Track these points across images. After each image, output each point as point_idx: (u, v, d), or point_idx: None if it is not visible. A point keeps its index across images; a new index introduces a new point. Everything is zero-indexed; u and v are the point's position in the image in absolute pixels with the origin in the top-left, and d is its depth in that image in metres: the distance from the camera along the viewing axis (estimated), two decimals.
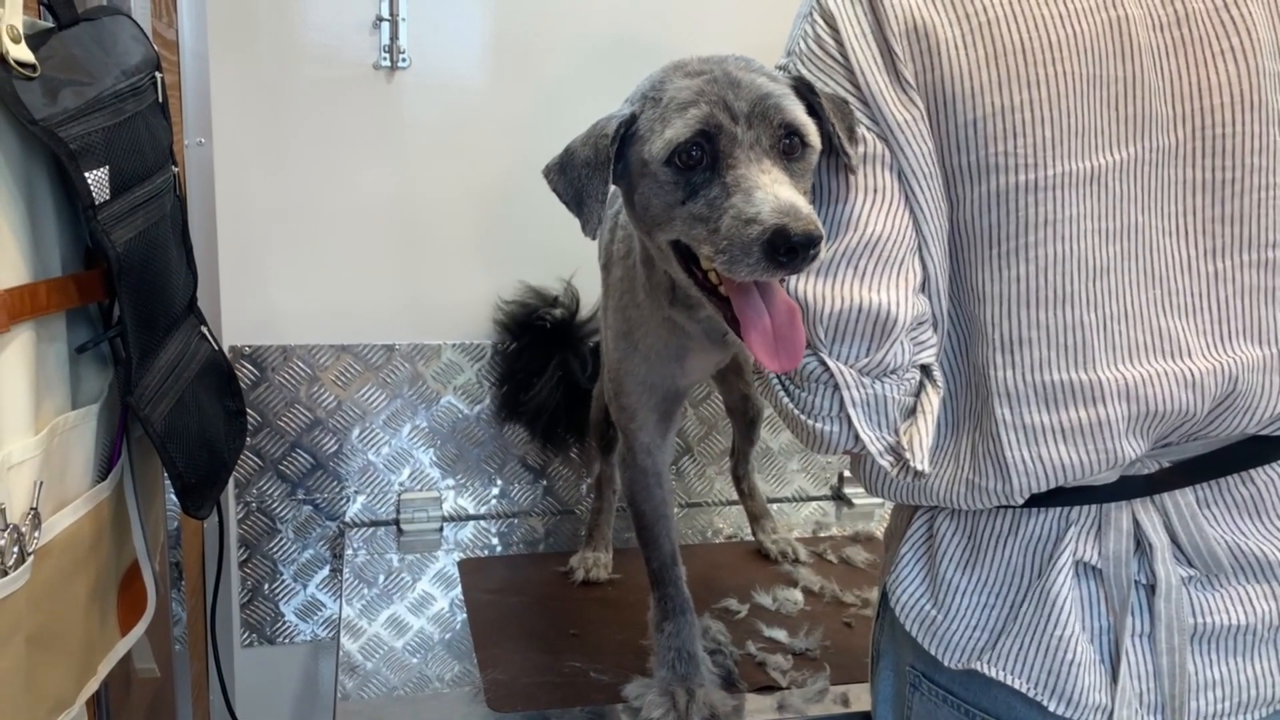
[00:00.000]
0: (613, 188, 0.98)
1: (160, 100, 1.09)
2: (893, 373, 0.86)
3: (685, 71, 0.94)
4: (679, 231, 0.93)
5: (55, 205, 0.96)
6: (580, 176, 0.96)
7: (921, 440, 0.86)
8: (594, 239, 0.96)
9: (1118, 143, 0.84)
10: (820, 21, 0.89)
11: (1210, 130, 0.86)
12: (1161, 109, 0.85)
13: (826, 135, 0.89)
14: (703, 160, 0.89)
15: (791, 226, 0.81)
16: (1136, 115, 0.85)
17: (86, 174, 0.91)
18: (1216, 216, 0.86)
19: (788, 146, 0.89)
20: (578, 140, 0.98)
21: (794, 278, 0.88)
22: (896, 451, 0.88)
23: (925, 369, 0.89)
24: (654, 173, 0.92)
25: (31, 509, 0.90)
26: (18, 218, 0.90)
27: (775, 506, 1.83)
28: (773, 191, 0.84)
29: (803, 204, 0.83)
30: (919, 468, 0.86)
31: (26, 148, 0.91)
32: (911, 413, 0.88)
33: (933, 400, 0.88)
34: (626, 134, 0.95)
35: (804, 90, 0.91)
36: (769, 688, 1.25)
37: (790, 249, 0.81)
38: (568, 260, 1.80)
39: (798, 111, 0.90)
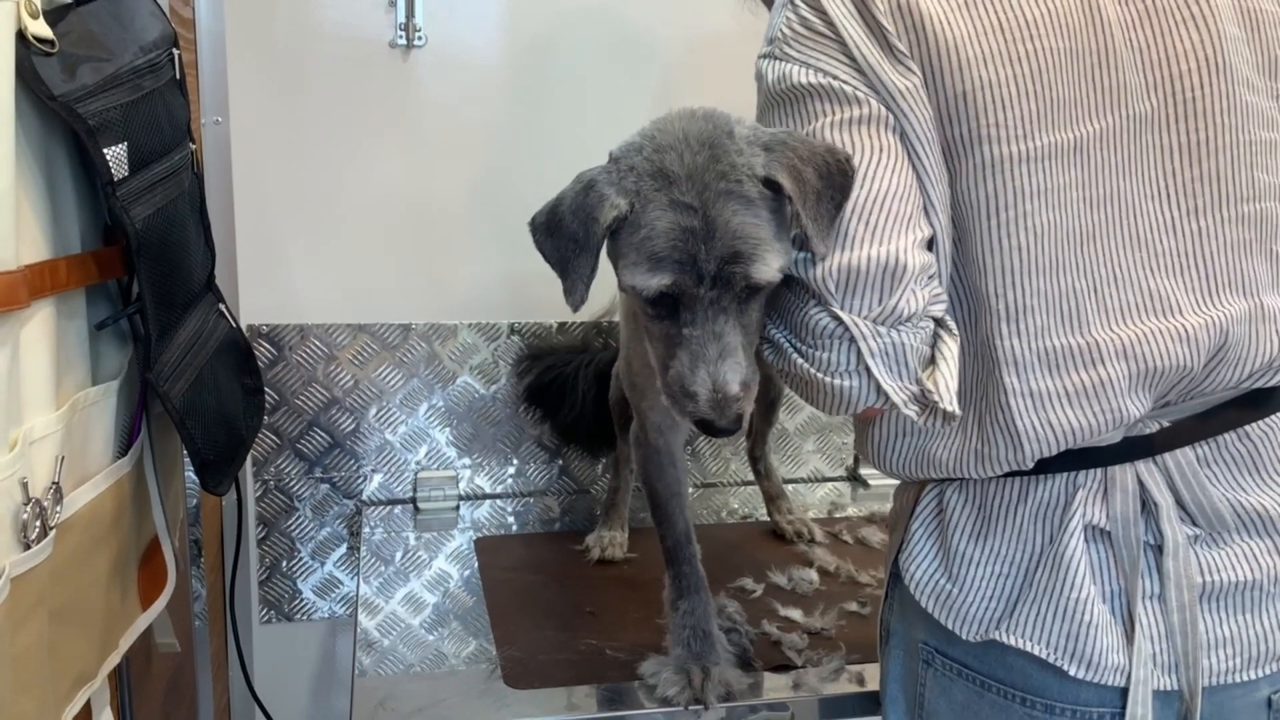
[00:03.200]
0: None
1: (178, 77, 1.09)
2: (907, 320, 0.87)
3: (671, 196, 0.90)
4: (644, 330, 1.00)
5: (74, 182, 0.97)
6: (568, 250, 0.96)
7: (946, 382, 0.87)
8: (575, 311, 0.97)
9: (1097, 113, 0.88)
10: (803, 5, 0.91)
11: (1181, 95, 0.89)
12: (1134, 78, 0.88)
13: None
14: (669, 303, 0.93)
15: (717, 423, 0.91)
16: (1111, 86, 0.88)
17: (105, 150, 0.91)
18: (1195, 177, 0.89)
19: (751, 290, 0.92)
20: (566, 202, 0.96)
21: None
22: (921, 400, 0.88)
23: (939, 321, 0.89)
24: (625, 288, 0.95)
25: (53, 483, 0.90)
26: (37, 194, 0.90)
27: (790, 487, 1.83)
28: (714, 370, 0.90)
29: (734, 388, 0.90)
30: (948, 409, 0.86)
31: (45, 124, 0.92)
32: (931, 361, 0.89)
33: (951, 346, 0.89)
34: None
35: (772, 183, 0.90)
36: (784, 666, 1.25)
37: (710, 433, 0.94)
38: None
39: (762, 269, 0.90)
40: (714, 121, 0.93)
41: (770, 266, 0.90)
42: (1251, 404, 0.91)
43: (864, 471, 2.00)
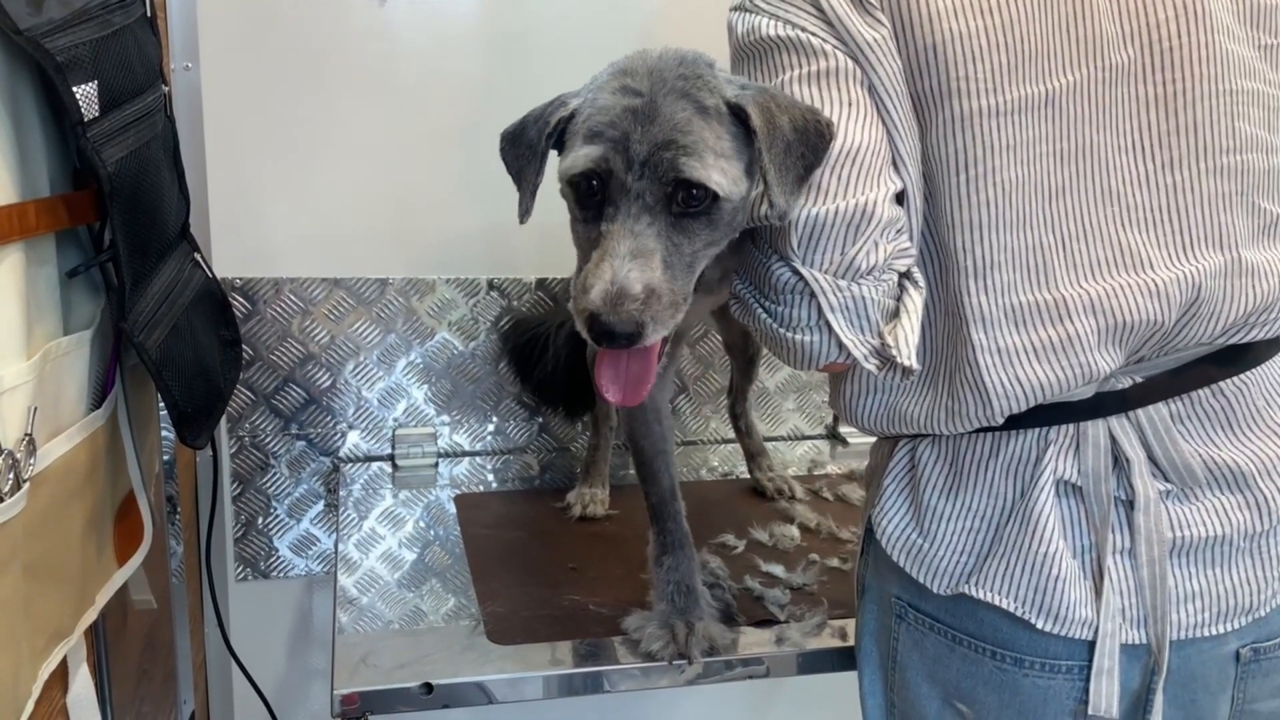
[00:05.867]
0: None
1: (149, 14, 1.06)
2: (868, 273, 0.86)
3: (621, 83, 0.89)
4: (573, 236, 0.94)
5: (42, 122, 0.93)
6: (522, 156, 0.95)
7: (907, 337, 0.87)
8: (522, 223, 0.94)
9: (1070, 65, 0.86)
10: None
11: (1159, 45, 0.88)
12: (1110, 28, 0.87)
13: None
14: (597, 193, 0.88)
15: (604, 319, 0.82)
16: (1087, 36, 0.86)
17: (75, 88, 0.87)
18: (1171, 129, 0.88)
19: (687, 198, 0.87)
20: (533, 113, 0.96)
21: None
22: (881, 354, 0.88)
23: (906, 274, 0.89)
24: (561, 179, 0.92)
25: (26, 435, 0.88)
26: (3, 134, 0.87)
27: (770, 445, 1.83)
28: (616, 267, 0.84)
29: (636, 288, 0.83)
30: (906, 364, 0.86)
31: (11, 60, 0.88)
32: (895, 315, 0.89)
33: (915, 300, 0.88)
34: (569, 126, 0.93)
35: (740, 113, 0.88)
36: (767, 621, 1.26)
37: (599, 333, 0.83)
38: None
39: (697, 168, 0.86)
40: (698, 54, 0.92)
41: (708, 168, 0.86)
42: (1226, 360, 0.91)
43: (843, 429, 2.00)
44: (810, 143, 0.85)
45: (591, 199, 0.88)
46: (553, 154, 0.98)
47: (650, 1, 1.78)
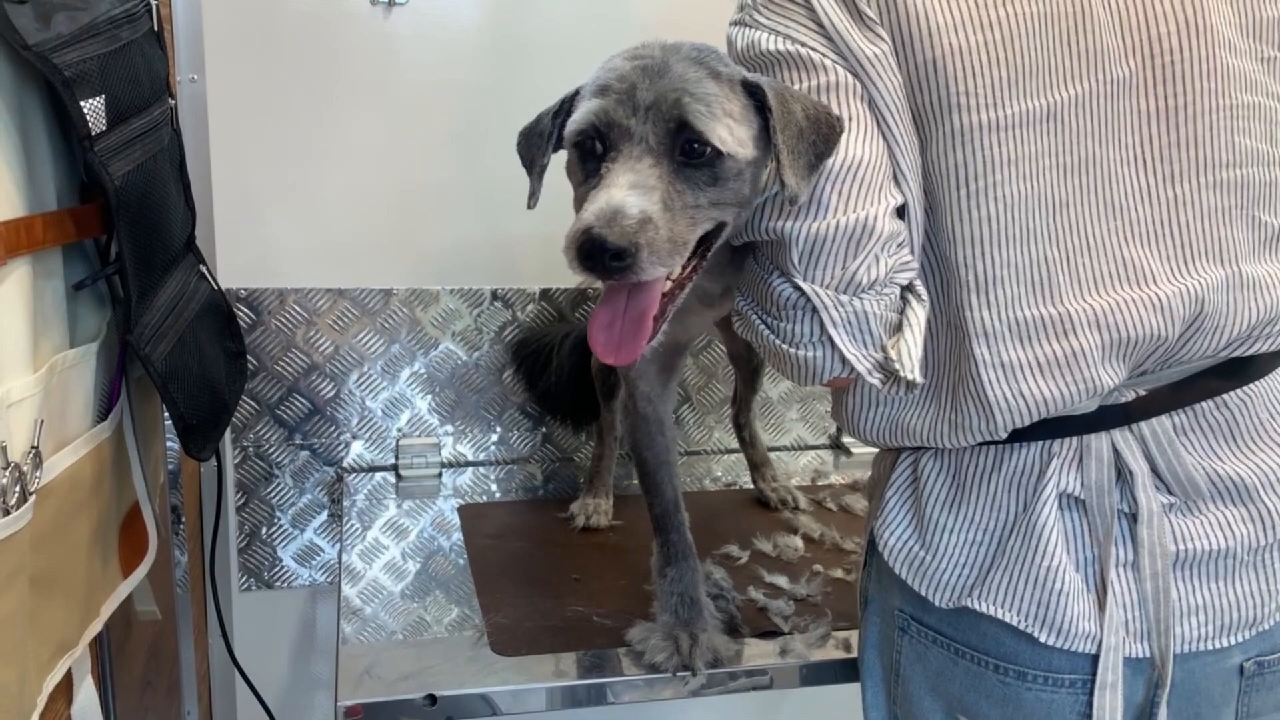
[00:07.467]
0: None
1: (156, 29, 1.06)
2: (870, 287, 0.86)
3: (634, 53, 0.91)
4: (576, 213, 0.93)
5: (49, 136, 0.94)
6: (534, 145, 0.96)
7: (910, 350, 0.87)
8: (532, 209, 0.95)
9: (1072, 78, 0.86)
10: None
11: (1160, 58, 0.87)
12: (1112, 42, 0.87)
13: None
14: (598, 150, 0.87)
15: (596, 230, 0.78)
16: (1088, 50, 0.86)
17: (82, 103, 0.88)
18: (1173, 142, 0.88)
19: (690, 149, 0.86)
20: (547, 108, 0.98)
21: (774, 213, 0.88)
22: (885, 368, 0.88)
23: (908, 287, 0.89)
24: (567, 151, 0.92)
25: (32, 448, 0.88)
26: (11, 149, 0.87)
27: (774, 455, 1.83)
28: (612, 194, 0.81)
29: (633, 210, 0.80)
30: (910, 378, 0.86)
31: (19, 75, 0.89)
32: (897, 329, 0.89)
33: (919, 313, 0.88)
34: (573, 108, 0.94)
35: (756, 92, 0.88)
36: (771, 632, 1.26)
37: (589, 252, 0.78)
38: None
39: (703, 116, 0.85)
40: (712, 46, 0.93)
41: (715, 120, 0.85)
42: (1229, 373, 0.91)
43: (846, 439, 2.00)
44: (821, 133, 0.85)
45: (594, 157, 0.88)
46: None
47: (651, 12, 1.79)
